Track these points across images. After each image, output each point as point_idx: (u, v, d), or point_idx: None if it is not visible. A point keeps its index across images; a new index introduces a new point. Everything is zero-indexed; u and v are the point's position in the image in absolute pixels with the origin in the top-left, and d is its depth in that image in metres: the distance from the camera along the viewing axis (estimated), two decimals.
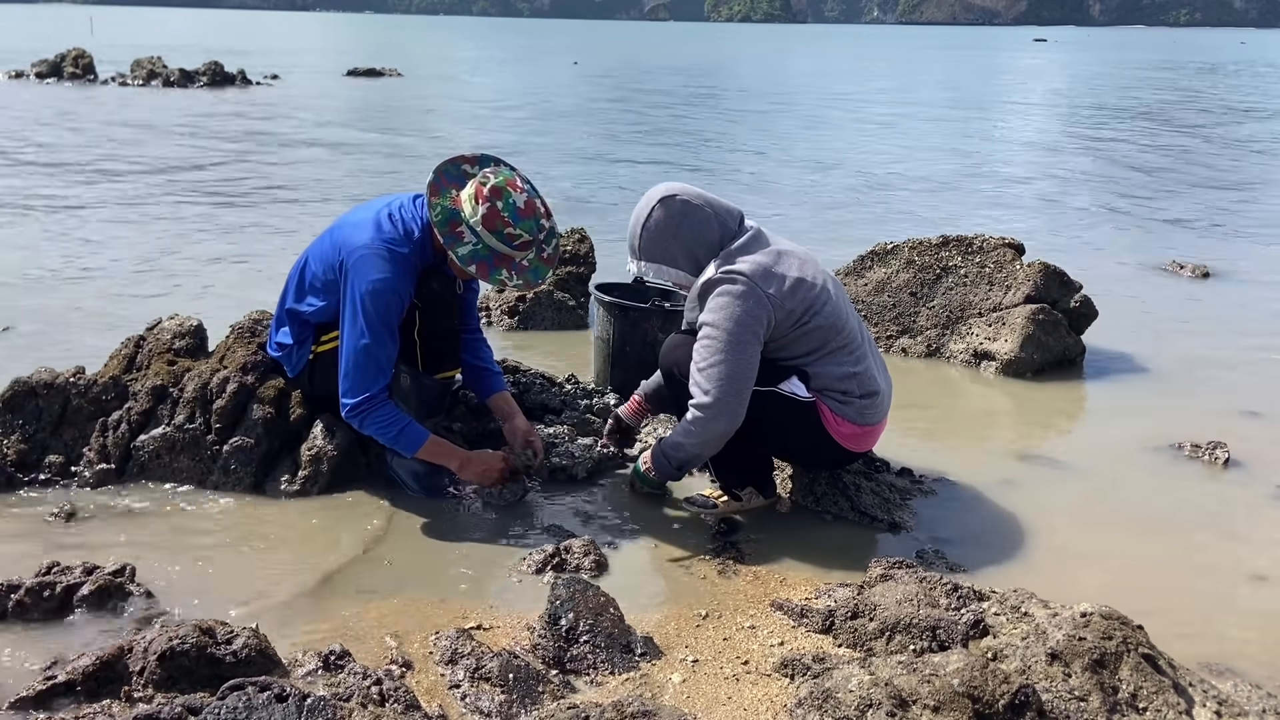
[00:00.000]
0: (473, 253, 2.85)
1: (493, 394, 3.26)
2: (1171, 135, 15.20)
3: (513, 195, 2.86)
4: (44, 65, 19.58)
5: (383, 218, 2.93)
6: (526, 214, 2.88)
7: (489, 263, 2.87)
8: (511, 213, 2.85)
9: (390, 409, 2.89)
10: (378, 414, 2.87)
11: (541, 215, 2.94)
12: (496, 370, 3.32)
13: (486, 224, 2.84)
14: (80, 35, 33.38)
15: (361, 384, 2.85)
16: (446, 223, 2.85)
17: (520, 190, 2.89)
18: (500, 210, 2.84)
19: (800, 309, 2.79)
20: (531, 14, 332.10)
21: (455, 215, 2.87)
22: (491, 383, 3.27)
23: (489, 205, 2.83)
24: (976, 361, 4.59)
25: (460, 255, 2.84)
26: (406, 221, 2.93)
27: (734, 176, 10.52)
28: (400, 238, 2.89)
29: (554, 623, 2.30)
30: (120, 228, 6.97)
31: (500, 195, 2.85)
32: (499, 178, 2.89)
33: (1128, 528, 3.09)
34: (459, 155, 3.01)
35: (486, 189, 2.85)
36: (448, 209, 2.87)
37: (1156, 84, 28.20)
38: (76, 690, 1.98)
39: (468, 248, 2.85)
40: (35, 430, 3.10)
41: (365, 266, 2.84)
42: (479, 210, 2.84)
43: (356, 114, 16.02)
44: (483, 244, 2.87)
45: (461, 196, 2.89)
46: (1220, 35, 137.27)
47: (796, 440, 2.94)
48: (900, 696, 1.92)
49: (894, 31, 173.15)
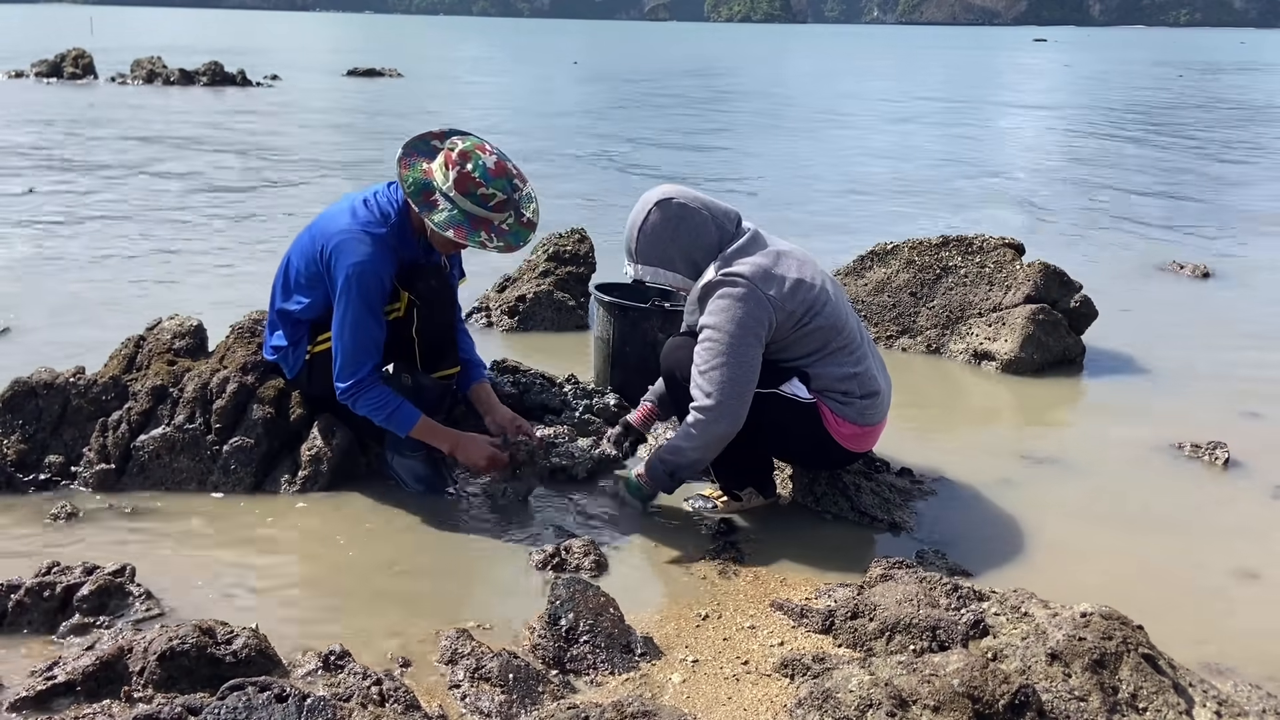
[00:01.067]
0: (449, 218, 2.85)
1: (471, 385, 3.27)
2: (1172, 135, 15.21)
3: (482, 157, 2.87)
4: (44, 65, 19.58)
5: (357, 204, 2.96)
6: (498, 174, 2.87)
7: (466, 226, 2.86)
8: (482, 173, 2.85)
9: (382, 390, 2.91)
10: (369, 395, 2.90)
11: (514, 176, 2.94)
12: (476, 361, 3.32)
13: (459, 187, 2.84)
14: (80, 35, 33.38)
15: (350, 366, 2.88)
16: (420, 193, 2.86)
17: (490, 153, 2.90)
18: (471, 172, 2.84)
19: (801, 310, 2.79)
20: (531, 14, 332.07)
21: (428, 185, 2.88)
22: (470, 373, 3.27)
23: (459, 169, 2.84)
24: (977, 361, 4.59)
25: (437, 222, 2.84)
26: (382, 205, 2.96)
27: (733, 177, 10.51)
28: (376, 220, 2.92)
29: (554, 623, 2.30)
30: (120, 226, 6.97)
31: (469, 158, 2.85)
32: (467, 143, 2.90)
33: (1128, 528, 3.10)
34: (426, 131, 3.02)
35: (455, 154, 2.86)
36: (420, 180, 2.88)
37: (1156, 84, 28.20)
38: (76, 690, 1.98)
39: (443, 214, 2.85)
40: (35, 430, 3.10)
41: (344, 250, 2.87)
42: (450, 175, 2.84)
43: (357, 114, 16.02)
44: (458, 209, 2.86)
45: (433, 167, 2.90)
46: (1220, 35, 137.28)
47: (797, 442, 2.94)
48: (900, 696, 1.92)
49: (894, 31, 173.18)
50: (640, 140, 13.57)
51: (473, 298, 5.10)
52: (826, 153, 12.69)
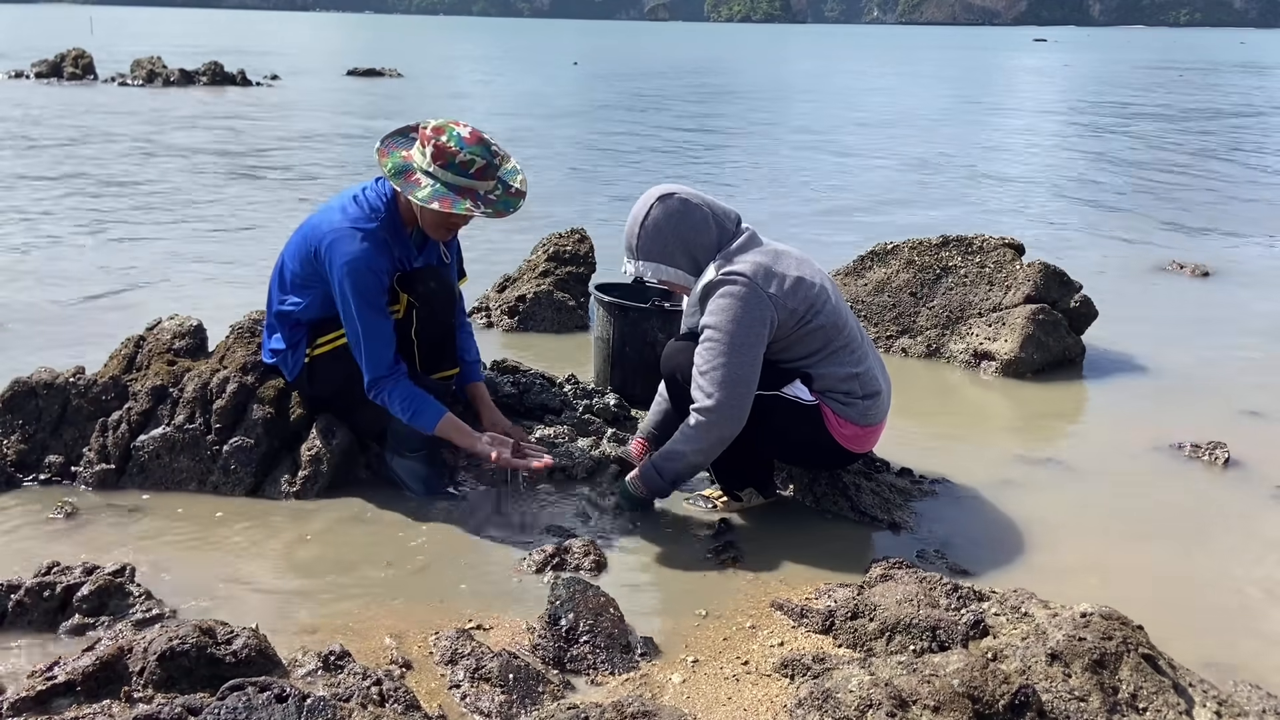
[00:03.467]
0: (432, 191, 2.84)
1: (466, 384, 3.28)
2: (1172, 134, 15.21)
3: (456, 129, 2.87)
4: (44, 65, 19.58)
5: (347, 202, 2.98)
6: (473, 141, 2.87)
7: (450, 196, 2.85)
8: (458, 142, 2.84)
9: (408, 386, 2.94)
10: (398, 391, 2.93)
11: (491, 145, 2.93)
12: (473, 360, 3.33)
13: (437, 159, 2.84)
14: (80, 35, 33.38)
15: (371, 362, 2.92)
16: (400, 174, 2.87)
17: (463, 125, 2.90)
18: (447, 143, 2.84)
19: (802, 308, 2.79)
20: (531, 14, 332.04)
21: (408, 166, 2.89)
22: (466, 372, 3.28)
23: (434, 143, 2.84)
24: (976, 361, 4.59)
25: (420, 197, 2.83)
26: (371, 200, 2.98)
27: (733, 177, 10.51)
28: (367, 215, 2.94)
29: (554, 623, 2.30)
30: (120, 227, 6.97)
31: (442, 131, 2.86)
32: (439, 120, 2.91)
33: (1128, 528, 3.09)
34: (405, 125, 3.03)
35: (429, 129, 2.87)
36: (399, 163, 2.89)
37: (1156, 84, 28.20)
38: (76, 690, 1.98)
39: (426, 189, 2.85)
40: (35, 430, 3.10)
41: (339, 247, 2.88)
42: (427, 151, 2.85)
43: (358, 114, 16.01)
44: (439, 181, 2.86)
45: (411, 151, 2.92)
46: (1220, 35, 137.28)
47: (799, 443, 2.93)
48: (900, 697, 1.92)
49: (894, 32, 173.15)
50: (640, 140, 13.56)
51: (473, 298, 5.10)
52: (827, 152, 12.68)
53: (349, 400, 3.07)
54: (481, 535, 2.89)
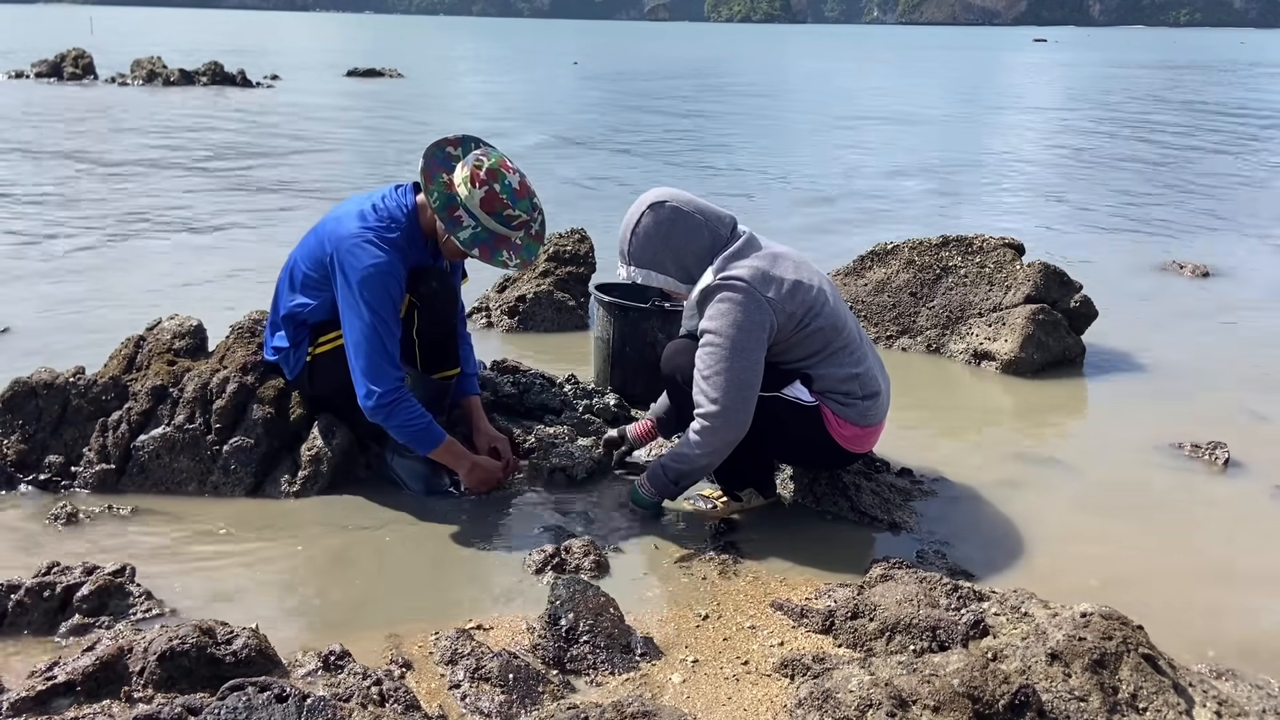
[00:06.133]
0: (473, 236, 2.87)
1: (460, 398, 3.27)
2: (1172, 134, 15.20)
3: (508, 177, 2.89)
4: (44, 65, 19.59)
5: (366, 209, 2.95)
6: (522, 194, 2.91)
7: (489, 244, 2.89)
8: (509, 194, 2.87)
9: (414, 406, 2.88)
10: (402, 412, 2.86)
11: (533, 195, 2.97)
12: (470, 372, 3.32)
13: (486, 206, 2.86)
14: (80, 35, 33.37)
15: (375, 374, 2.83)
16: (445, 208, 2.87)
17: (513, 172, 2.92)
18: (499, 193, 2.86)
19: (801, 311, 2.79)
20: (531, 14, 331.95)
21: (452, 200, 2.88)
22: (462, 384, 3.27)
23: (487, 188, 2.85)
24: (977, 361, 4.59)
25: (462, 239, 2.85)
26: (391, 210, 2.96)
27: (732, 177, 10.51)
28: (386, 224, 2.92)
29: (554, 623, 2.29)
30: (120, 227, 6.97)
31: (496, 178, 2.87)
32: (491, 159, 2.90)
33: (1128, 528, 3.09)
34: (442, 139, 3.02)
35: (483, 172, 2.86)
36: (444, 195, 2.88)
37: (1156, 83, 28.20)
38: (76, 690, 1.98)
39: (468, 231, 2.87)
40: (35, 430, 3.09)
41: (357, 254, 2.85)
42: (477, 194, 2.85)
43: (358, 114, 16.02)
44: (482, 226, 2.88)
45: (455, 180, 2.90)
46: (1220, 35, 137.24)
47: (799, 444, 2.93)
48: (900, 697, 1.92)
49: (894, 32, 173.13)
50: (640, 140, 13.56)
51: (473, 298, 5.10)
52: (827, 151, 12.68)
53: (349, 399, 3.06)
54: (481, 535, 2.88)
